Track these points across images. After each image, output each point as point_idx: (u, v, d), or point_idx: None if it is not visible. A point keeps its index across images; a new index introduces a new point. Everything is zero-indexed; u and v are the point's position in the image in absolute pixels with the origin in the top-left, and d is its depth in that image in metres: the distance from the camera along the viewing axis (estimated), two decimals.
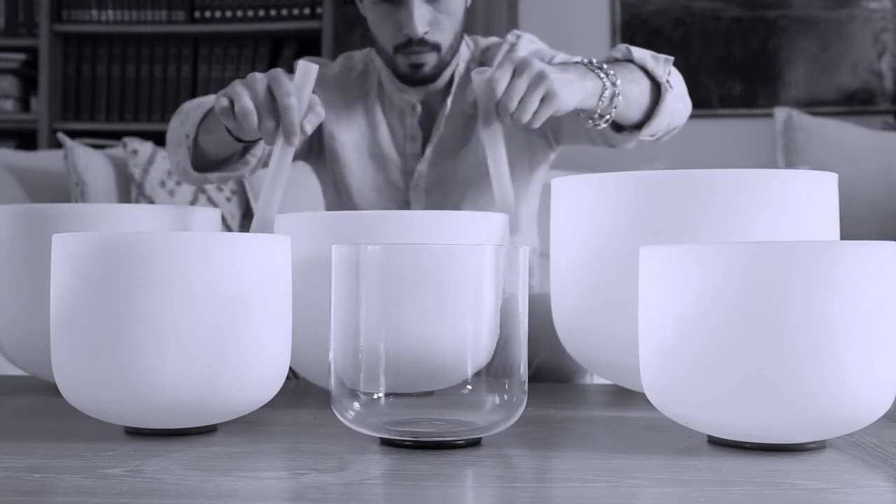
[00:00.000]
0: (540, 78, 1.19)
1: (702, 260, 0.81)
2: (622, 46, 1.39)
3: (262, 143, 1.39)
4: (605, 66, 1.30)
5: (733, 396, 0.80)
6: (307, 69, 1.18)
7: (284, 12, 3.39)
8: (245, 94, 1.17)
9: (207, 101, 1.43)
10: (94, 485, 0.74)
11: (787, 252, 0.79)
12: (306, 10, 3.38)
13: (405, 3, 1.43)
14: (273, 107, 1.16)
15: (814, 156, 3.03)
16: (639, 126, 1.40)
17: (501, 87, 1.19)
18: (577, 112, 1.32)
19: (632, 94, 1.33)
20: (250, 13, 3.40)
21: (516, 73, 1.20)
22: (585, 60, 1.30)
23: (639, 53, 1.37)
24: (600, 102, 1.29)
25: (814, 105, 3.34)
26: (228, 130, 1.28)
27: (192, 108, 1.43)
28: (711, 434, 0.86)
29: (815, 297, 0.78)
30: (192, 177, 1.43)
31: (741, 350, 0.79)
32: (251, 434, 0.92)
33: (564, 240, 1.09)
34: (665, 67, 1.37)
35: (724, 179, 0.99)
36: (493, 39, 1.64)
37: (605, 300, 1.03)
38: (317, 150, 1.62)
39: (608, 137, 1.44)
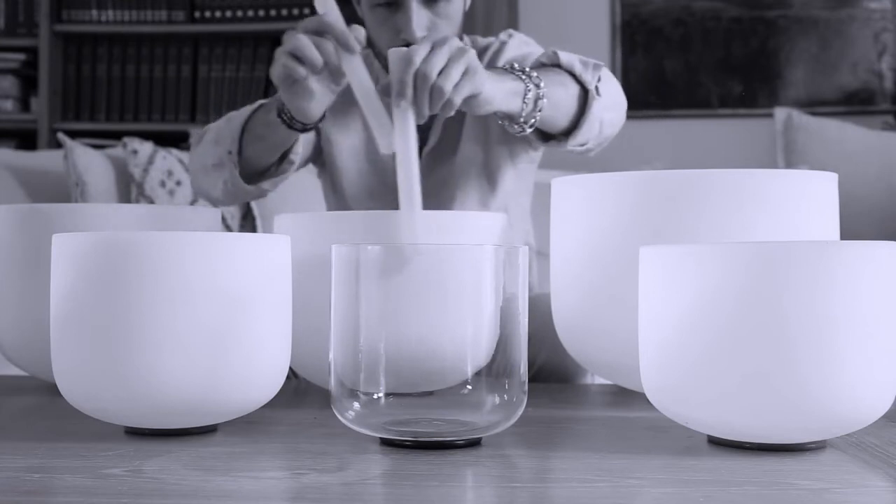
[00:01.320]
0: (461, 52, 1.13)
1: (702, 260, 0.81)
2: (549, 50, 1.37)
3: (301, 139, 1.39)
4: (527, 69, 1.26)
5: (733, 396, 0.80)
6: (328, 5, 1.18)
7: (284, 12, 3.39)
8: (293, 39, 1.16)
9: (237, 116, 1.42)
10: (94, 485, 0.74)
11: (787, 252, 0.79)
12: (306, 11, 3.38)
13: (403, 7, 1.43)
14: (317, 35, 1.17)
15: (814, 156, 3.03)
16: (567, 133, 1.36)
17: (420, 57, 1.11)
18: (500, 118, 1.28)
19: (558, 97, 1.30)
20: (250, 13, 3.40)
21: (435, 47, 1.13)
22: (508, 66, 1.27)
23: (566, 57, 1.35)
24: (524, 105, 1.24)
25: (814, 105, 3.34)
26: (289, 123, 1.28)
27: (223, 128, 1.43)
28: (711, 434, 0.86)
29: (815, 297, 0.78)
30: (244, 190, 1.43)
31: (741, 350, 0.79)
32: (251, 434, 0.92)
33: (564, 239, 1.09)
34: (594, 73, 1.34)
35: (724, 179, 0.99)
36: (489, 40, 1.64)
37: (605, 300, 1.03)
38: (318, 152, 1.62)
39: (533, 146, 1.41)
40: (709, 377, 0.81)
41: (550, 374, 1.45)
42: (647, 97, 3.40)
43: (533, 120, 1.27)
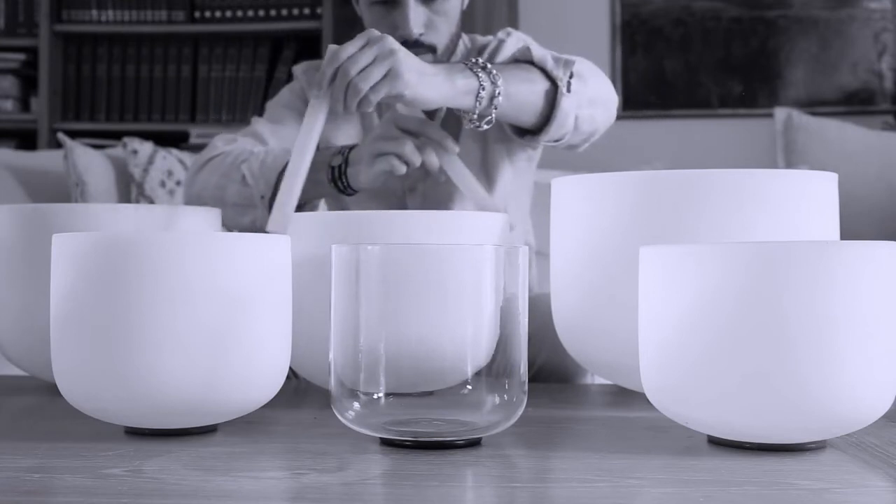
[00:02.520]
0: (388, 53, 1.18)
1: (702, 260, 0.81)
2: (524, 47, 1.38)
3: None
4: (489, 65, 1.28)
5: (733, 396, 0.80)
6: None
7: (284, 12, 3.39)
8: (400, 143, 1.30)
9: (270, 162, 1.43)
10: (94, 485, 0.74)
11: (787, 252, 0.79)
12: (306, 10, 3.38)
13: (400, 4, 1.43)
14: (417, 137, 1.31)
15: (814, 156, 3.03)
16: (539, 129, 1.37)
17: (347, 53, 1.17)
18: (459, 114, 1.32)
19: (521, 94, 1.31)
20: (250, 13, 3.40)
21: (367, 46, 1.18)
22: (472, 61, 1.29)
23: (539, 53, 1.35)
24: (477, 103, 1.27)
25: (814, 105, 3.34)
26: (342, 189, 1.36)
27: (256, 170, 1.43)
28: (711, 434, 0.86)
29: (814, 297, 0.78)
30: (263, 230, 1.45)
31: (741, 350, 0.79)
32: (251, 434, 0.92)
33: (564, 239, 1.09)
34: (566, 69, 1.35)
35: (724, 179, 0.99)
36: (488, 38, 1.64)
37: (605, 300, 1.03)
38: None
39: (511, 140, 1.44)
40: (709, 377, 0.81)
41: (550, 374, 1.45)
42: (647, 97, 3.40)
43: (489, 117, 1.29)
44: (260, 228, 1.44)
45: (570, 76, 1.35)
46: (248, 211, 1.44)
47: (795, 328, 0.78)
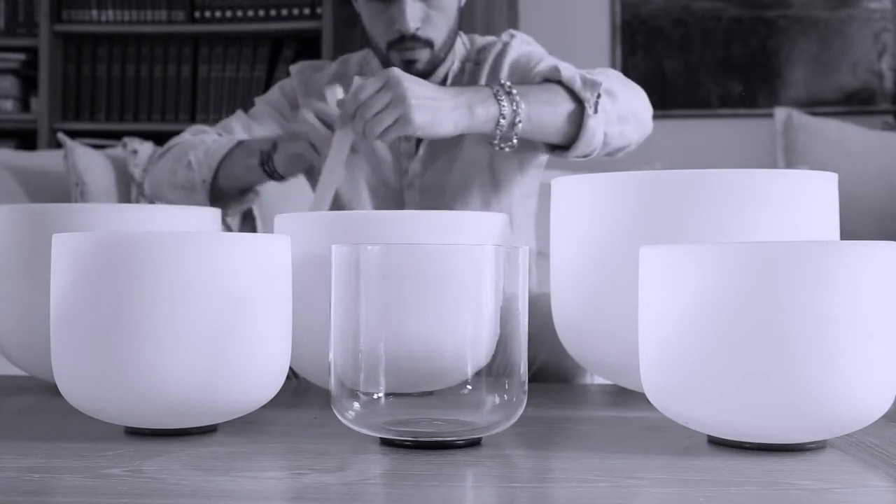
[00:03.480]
0: (399, 100, 1.27)
1: (702, 260, 0.81)
2: (553, 67, 1.42)
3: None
4: (514, 91, 1.34)
5: (733, 396, 0.80)
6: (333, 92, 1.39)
7: (284, 12, 3.39)
8: (313, 131, 1.38)
9: (214, 148, 1.53)
10: (94, 485, 0.74)
11: (787, 252, 0.79)
12: (306, 10, 3.38)
13: (397, 0, 1.45)
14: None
15: (814, 156, 3.03)
16: (567, 146, 1.42)
17: (365, 95, 1.28)
18: (479, 138, 1.40)
19: (543, 118, 1.37)
20: (250, 13, 3.40)
21: (384, 88, 1.28)
22: (499, 85, 1.35)
23: (568, 74, 1.39)
24: (498, 129, 1.34)
25: (814, 105, 3.34)
26: (270, 174, 1.46)
27: (201, 155, 1.54)
28: (711, 434, 0.86)
29: (814, 297, 0.78)
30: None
31: (741, 350, 0.79)
32: (251, 434, 0.92)
33: (564, 240, 1.09)
34: (594, 90, 1.39)
35: (724, 179, 0.99)
36: (488, 38, 1.64)
37: (605, 300, 1.03)
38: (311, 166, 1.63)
39: (543, 153, 1.50)
40: (709, 377, 0.81)
41: (550, 374, 1.45)
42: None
43: (510, 142, 1.37)
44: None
45: (598, 96, 1.39)
46: (192, 194, 1.53)
47: (795, 328, 0.78)
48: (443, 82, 1.56)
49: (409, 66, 1.50)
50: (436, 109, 1.28)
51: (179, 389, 0.86)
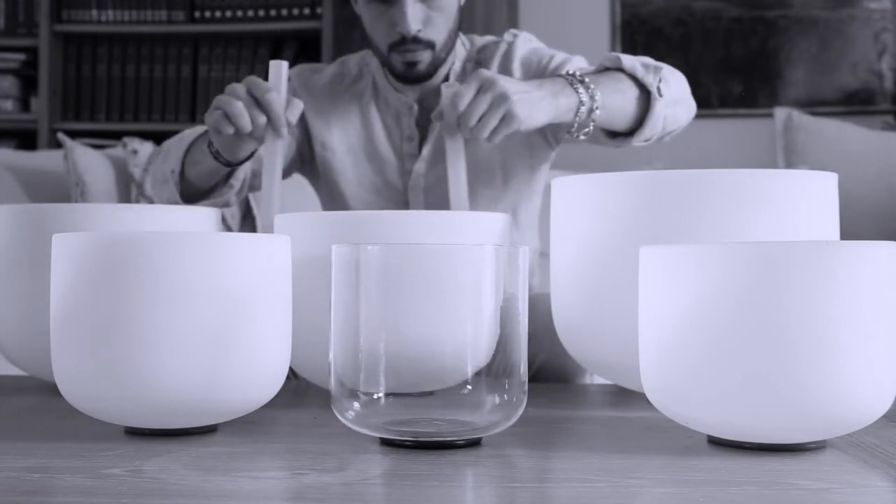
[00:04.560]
0: (502, 98, 1.25)
1: (702, 260, 0.81)
2: (612, 55, 1.42)
3: (243, 167, 1.47)
4: (587, 79, 1.34)
5: (733, 396, 0.80)
6: (278, 66, 1.30)
7: (284, 12, 3.39)
8: (231, 100, 1.27)
9: (186, 135, 1.50)
10: (94, 485, 0.74)
11: (787, 252, 0.79)
12: (306, 10, 3.38)
13: (398, 1, 1.44)
14: (257, 103, 1.27)
15: (814, 156, 3.03)
16: (630, 132, 1.43)
17: (464, 103, 1.25)
18: (555, 125, 1.37)
19: (615, 104, 1.37)
20: (250, 13, 3.39)
21: (481, 91, 1.25)
22: (570, 72, 1.35)
23: (629, 62, 1.40)
24: (577, 117, 1.33)
25: (814, 105, 3.34)
26: (215, 156, 1.38)
27: (174, 145, 1.51)
28: (711, 434, 0.86)
29: (814, 297, 0.78)
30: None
31: (741, 350, 0.79)
32: (251, 434, 0.92)
33: (564, 240, 1.09)
34: (655, 75, 1.40)
35: (724, 179, 0.99)
36: (489, 38, 1.64)
37: (605, 300, 1.03)
38: (308, 162, 1.63)
39: (602, 142, 1.48)
40: (709, 377, 0.81)
41: (550, 374, 1.45)
42: None
43: (587, 129, 1.36)
44: (175, 204, 1.49)
45: (660, 81, 1.40)
46: (164, 188, 1.50)
47: (795, 328, 0.78)
48: (444, 82, 1.56)
49: (410, 68, 1.49)
50: (531, 102, 1.28)
51: (179, 389, 0.86)
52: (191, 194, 1.50)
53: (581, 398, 1.20)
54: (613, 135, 1.46)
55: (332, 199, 1.61)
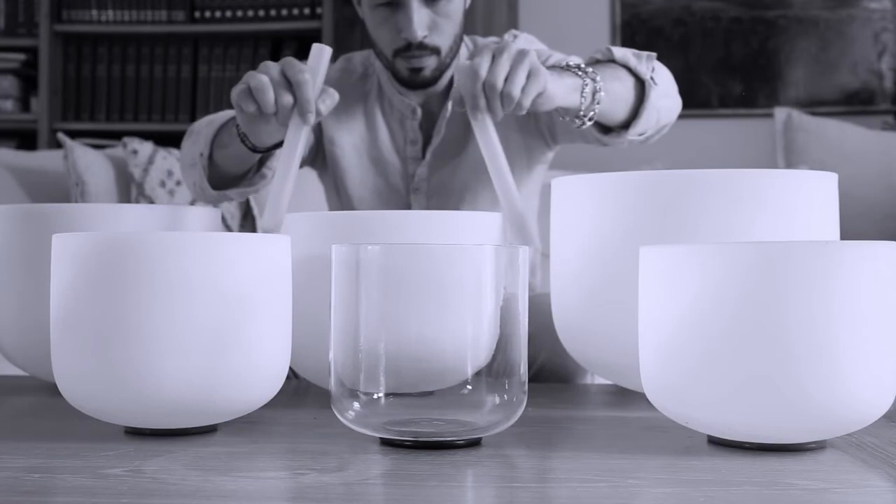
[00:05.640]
0: (522, 55, 1.16)
1: (702, 260, 0.81)
2: (602, 48, 1.39)
3: (276, 155, 1.38)
4: (582, 65, 1.29)
5: (733, 396, 0.80)
6: (320, 51, 1.18)
7: (284, 12, 3.39)
8: (258, 75, 1.17)
9: (218, 118, 1.43)
10: (94, 485, 0.74)
11: (787, 252, 0.79)
12: (306, 10, 3.38)
13: (404, 6, 1.43)
14: (288, 84, 1.16)
15: (814, 156, 3.03)
16: (626, 125, 1.38)
17: (485, 68, 1.15)
18: (560, 114, 1.30)
19: (615, 90, 1.32)
20: (250, 13, 3.39)
21: (496, 55, 1.16)
22: (563, 63, 1.29)
23: (619, 52, 1.36)
24: (582, 99, 1.26)
25: (814, 105, 3.34)
26: (242, 139, 1.29)
27: (203, 126, 1.43)
28: (711, 434, 0.86)
29: (814, 297, 0.78)
30: (210, 195, 1.44)
31: (741, 350, 0.79)
32: (251, 434, 0.92)
33: (564, 240, 1.09)
34: (648, 64, 1.36)
35: (724, 179, 0.99)
36: (491, 39, 1.64)
37: (605, 300, 1.03)
38: (321, 155, 1.62)
39: (597, 139, 1.43)
40: (709, 377, 0.81)
41: (551, 374, 1.45)
42: None
43: (592, 113, 1.29)
44: (201, 190, 1.44)
45: (653, 70, 1.37)
46: (193, 170, 1.43)
47: (795, 328, 0.78)
48: (448, 88, 1.56)
49: (415, 74, 1.49)
50: (548, 72, 1.20)
51: (179, 389, 0.86)
52: (219, 180, 1.43)
53: (581, 398, 1.20)
54: (607, 131, 1.41)
55: (338, 195, 1.61)
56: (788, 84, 3.38)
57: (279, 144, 1.30)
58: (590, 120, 1.30)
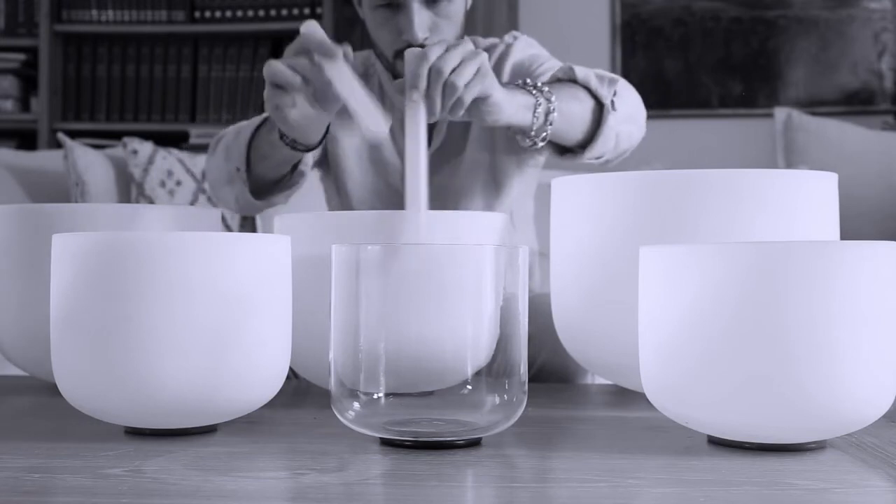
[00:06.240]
0: (474, 53, 1.14)
1: (702, 260, 0.81)
2: (566, 66, 1.37)
3: (311, 153, 1.38)
4: (539, 84, 1.27)
5: (733, 396, 0.80)
6: (310, 25, 1.16)
7: (284, 12, 3.39)
8: (276, 79, 1.16)
9: (243, 128, 1.43)
10: (94, 485, 0.74)
11: (787, 252, 0.79)
12: (306, 10, 3.38)
13: (405, 8, 1.42)
14: (306, 58, 1.15)
15: (814, 156, 3.03)
16: (582, 147, 1.37)
17: (435, 55, 1.12)
18: (512, 131, 1.29)
19: (572, 111, 1.31)
20: (250, 13, 3.40)
21: (450, 48, 1.14)
22: (520, 82, 1.28)
23: (582, 73, 1.35)
24: (534, 119, 1.25)
25: (814, 105, 3.34)
26: (292, 146, 1.29)
27: (231, 142, 1.43)
28: (711, 434, 0.86)
29: (814, 297, 0.78)
30: (256, 206, 1.44)
31: (741, 350, 0.79)
32: (251, 434, 0.92)
33: (564, 240, 1.09)
34: (610, 88, 1.35)
35: (724, 179, 0.99)
36: (491, 40, 1.64)
37: (605, 300, 1.03)
38: (326, 156, 1.62)
39: (555, 158, 1.42)
40: (709, 377, 0.81)
41: (551, 374, 1.45)
42: (647, 97, 3.37)
43: (544, 133, 1.27)
44: (245, 203, 1.44)
45: (614, 94, 1.36)
46: (233, 186, 1.43)
47: (795, 328, 0.78)
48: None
49: None
50: (500, 88, 1.19)
51: (179, 389, 0.86)
52: (259, 188, 1.43)
53: (581, 398, 1.20)
54: (563, 151, 1.40)
55: (339, 196, 1.61)
56: (788, 84, 3.38)
57: (324, 138, 1.29)
58: (542, 140, 1.28)
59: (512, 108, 1.21)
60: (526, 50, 1.59)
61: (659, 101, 3.39)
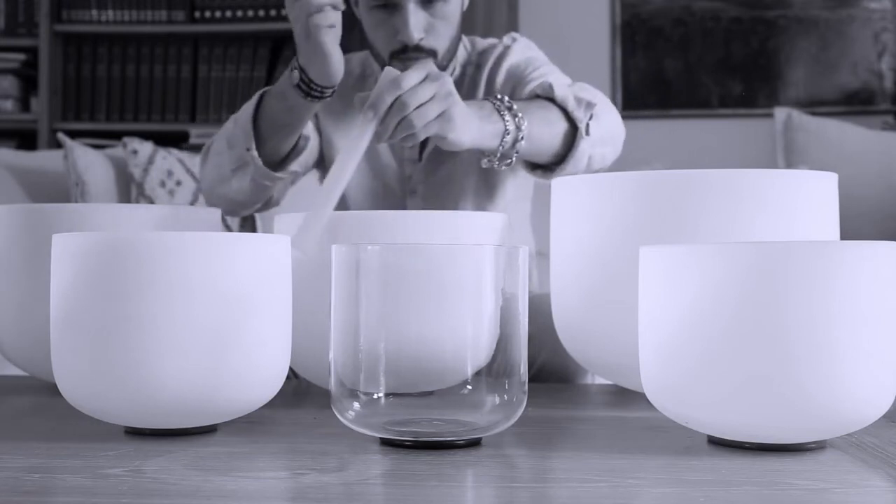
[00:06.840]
0: (447, 94, 1.16)
1: (702, 260, 0.81)
2: (546, 83, 1.38)
3: (311, 108, 1.38)
4: (515, 106, 1.27)
5: (733, 396, 0.80)
6: None
7: (284, 12, 3.38)
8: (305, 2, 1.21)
9: (241, 114, 1.43)
10: (94, 485, 0.74)
11: (787, 252, 0.79)
12: None
13: (401, 9, 1.42)
14: None
15: (814, 156, 3.03)
16: (552, 167, 1.38)
17: (408, 84, 1.13)
18: (477, 152, 1.30)
19: (541, 136, 1.31)
20: (250, 13, 3.40)
21: (428, 79, 1.15)
22: (499, 97, 1.28)
23: (561, 93, 1.36)
24: (501, 146, 1.26)
25: (814, 105, 3.34)
26: (301, 79, 1.29)
27: (231, 132, 1.43)
28: (711, 434, 0.86)
29: (814, 297, 0.78)
30: (273, 178, 1.42)
31: (741, 350, 0.79)
32: (251, 434, 0.92)
33: (564, 240, 1.09)
34: (587, 112, 1.35)
35: (724, 179, 0.99)
36: (490, 41, 1.64)
37: (605, 300, 1.03)
38: (321, 158, 1.62)
39: (522, 173, 1.43)
40: (709, 377, 0.81)
41: (551, 374, 1.45)
42: (646, 97, 3.39)
43: (509, 160, 1.29)
44: (261, 180, 1.42)
45: (590, 118, 1.36)
46: (245, 170, 1.42)
47: (795, 328, 0.78)
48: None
49: None
50: (468, 117, 1.20)
51: (179, 389, 0.86)
52: (273, 163, 1.43)
53: (581, 398, 1.20)
54: (534, 167, 1.41)
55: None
56: (788, 84, 3.38)
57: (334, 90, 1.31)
58: (506, 164, 1.30)
59: (475, 138, 1.22)
60: (524, 52, 1.59)
61: (659, 101, 3.39)
